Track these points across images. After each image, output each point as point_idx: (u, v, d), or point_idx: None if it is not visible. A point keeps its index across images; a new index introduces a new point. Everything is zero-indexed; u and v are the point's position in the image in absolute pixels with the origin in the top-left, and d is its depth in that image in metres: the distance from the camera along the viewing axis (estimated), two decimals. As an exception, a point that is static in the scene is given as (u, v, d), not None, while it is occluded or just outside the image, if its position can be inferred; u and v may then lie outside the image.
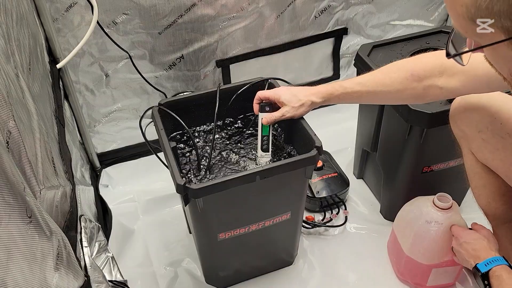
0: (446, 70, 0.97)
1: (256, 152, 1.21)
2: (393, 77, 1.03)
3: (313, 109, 1.14)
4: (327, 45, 1.79)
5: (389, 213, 1.51)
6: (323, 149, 1.09)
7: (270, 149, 1.17)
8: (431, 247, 1.19)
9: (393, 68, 1.05)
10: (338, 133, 1.77)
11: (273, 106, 1.15)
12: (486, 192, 1.12)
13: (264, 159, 1.18)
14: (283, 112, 1.11)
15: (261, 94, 1.14)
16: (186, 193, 0.99)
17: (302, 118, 1.15)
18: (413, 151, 1.29)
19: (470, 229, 1.13)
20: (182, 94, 1.60)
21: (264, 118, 1.14)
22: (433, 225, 1.15)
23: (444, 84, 0.98)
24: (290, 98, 1.10)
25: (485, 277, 0.99)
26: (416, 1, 1.80)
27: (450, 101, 1.20)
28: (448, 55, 0.68)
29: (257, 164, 1.19)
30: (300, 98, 1.10)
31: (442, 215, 1.14)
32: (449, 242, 1.15)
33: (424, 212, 1.18)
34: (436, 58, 1.00)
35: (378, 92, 1.05)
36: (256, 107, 1.16)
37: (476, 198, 1.15)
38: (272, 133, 1.18)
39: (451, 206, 1.15)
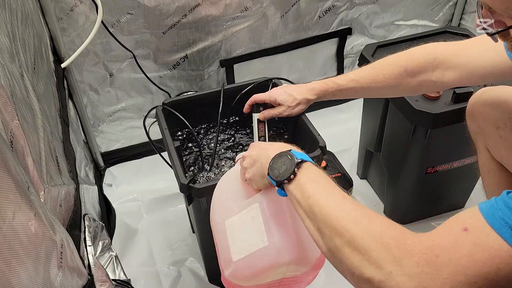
0: (440, 64, 0.97)
1: None
2: (386, 73, 1.03)
3: (316, 109, 1.14)
4: (331, 45, 1.78)
5: (393, 213, 1.50)
6: (327, 149, 1.09)
7: None
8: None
9: (386, 64, 1.05)
10: (342, 133, 1.77)
11: (267, 106, 1.15)
12: (499, 190, 1.10)
13: None
14: (280, 111, 1.12)
15: (256, 97, 1.15)
16: (189, 193, 0.99)
17: (306, 118, 1.15)
18: (417, 152, 1.28)
19: None
20: (186, 93, 1.60)
21: (261, 114, 1.14)
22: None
23: (438, 78, 0.99)
24: (286, 98, 1.11)
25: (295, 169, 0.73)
26: (421, 1, 1.80)
27: (455, 101, 1.19)
28: (488, 33, 0.66)
29: None
30: (295, 97, 1.10)
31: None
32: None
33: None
34: (429, 52, 1.00)
35: (372, 88, 1.06)
36: (248, 107, 1.16)
37: (488, 196, 1.14)
38: (272, 133, 1.17)
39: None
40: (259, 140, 1.18)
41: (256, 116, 1.16)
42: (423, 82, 1.01)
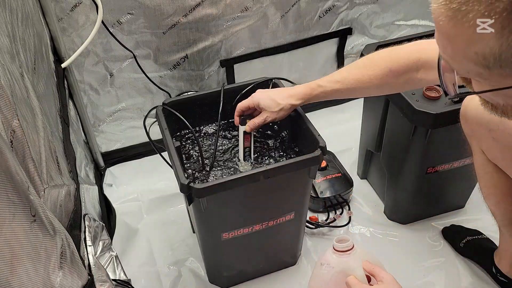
0: (424, 64, 0.97)
1: (238, 161, 1.22)
2: (371, 74, 1.03)
3: (316, 109, 1.13)
4: (331, 45, 1.78)
5: (393, 214, 1.50)
6: (327, 149, 1.09)
7: (252, 158, 1.20)
8: None
9: (371, 64, 1.04)
10: (342, 133, 1.77)
11: (253, 116, 1.15)
12: (495, 192, 1.11)
13: (246, 167, 1.19)
14: (264, 118, 1.11)
15: (241, 106, 1.14)
16: (190, 193, 0.99)
17: (306, 118, 1.16)
18: (417, 152, 1.28)
19: (368, 276, 0.96)
20: (186, 93, 1.60)
21: (247, 125, 1.14)
22: (324, 267, 0.99)
23: (423, 76, 0.99)
24: (269, 103, 1.10)
25: None
26: (421, 1, 1.80)
27: (456, 101, 1.19)
28: (446, 95, 0.68)
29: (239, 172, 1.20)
30: (279, 102, 1.09)
31: (336, 258, 0.98)
32: None
33: (325, 253, 1.01)
34: (412, 52, 1.00)
35: (357, 89, 1.06)
36: (237, 119, 1.16)
37: (484, 197, 1.14)
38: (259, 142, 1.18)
39: (348, 250, 0.97)
40: (244, 151, 1.18)
41: (242, 129, 1.15)
42: (409, 81, 1.01)
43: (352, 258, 0.97)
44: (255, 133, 1.21)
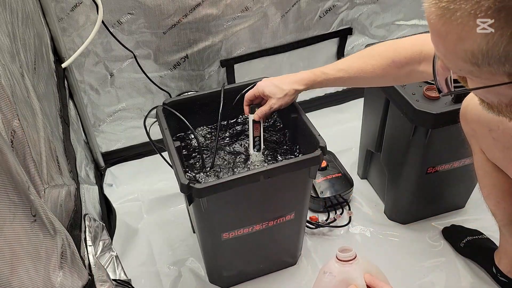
0: (426, 57, 0.98)
1: (249, 151, 1.23)
2: (374, 64, 1.05)
3: (316, 109, 1.14)
4: (331, 45, 1.78)
5: (394, 214, 1.50)
6: (327, 149, 1.09)
7: (262, 148, 1.20)
8: None
9: (374, 54, 1.06)
10: (342, 133, 1.77)
11: (261, 105, 1.17)
12: (495, 192, 1.11)
13: (257, 158, 1.21)
14: (270, 105, 1.13)
15: (247, 95, 1.17)
16: (190, 193, 0.99)
17: (306, 118, 1.16)
18: (417, 152, 1.28)
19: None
20: (186, 93, 1.60)
21: (256, 113, 1.16)
22: (327, 276, 1.02)
23: (425, 69, 0.99)
24: (274, 90, 1.12)
25: None
26: (421, 1, 1.80)
27: (456, 101, 1.19)
28: (440, 92, 0.69)
29: (251, 163, 1.21)
30: (283, 88, 1.12)
31: (338, 267, 1.00)
32: None
33: (328, 262, 1.04)
34: (415, 45, 1.01)
35: (360, 78, 1.07)
36: (246, 109, 1.19)
37: (484, 197, 1.14)
38: (269, 134, 1.18)
39: (350, 260, 0.99)
40: (253, 140, 1.20)
41: (251, 117, 1.18)
42: (411, 73, 1.02)
43: (354, 268, 0.98)
44: (264, 124, 1.23)
